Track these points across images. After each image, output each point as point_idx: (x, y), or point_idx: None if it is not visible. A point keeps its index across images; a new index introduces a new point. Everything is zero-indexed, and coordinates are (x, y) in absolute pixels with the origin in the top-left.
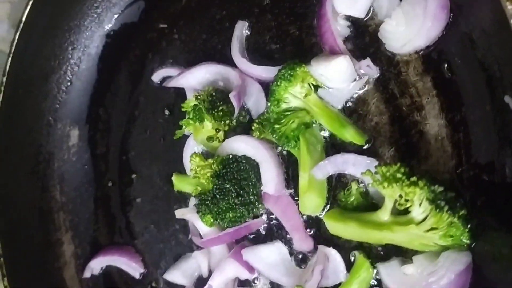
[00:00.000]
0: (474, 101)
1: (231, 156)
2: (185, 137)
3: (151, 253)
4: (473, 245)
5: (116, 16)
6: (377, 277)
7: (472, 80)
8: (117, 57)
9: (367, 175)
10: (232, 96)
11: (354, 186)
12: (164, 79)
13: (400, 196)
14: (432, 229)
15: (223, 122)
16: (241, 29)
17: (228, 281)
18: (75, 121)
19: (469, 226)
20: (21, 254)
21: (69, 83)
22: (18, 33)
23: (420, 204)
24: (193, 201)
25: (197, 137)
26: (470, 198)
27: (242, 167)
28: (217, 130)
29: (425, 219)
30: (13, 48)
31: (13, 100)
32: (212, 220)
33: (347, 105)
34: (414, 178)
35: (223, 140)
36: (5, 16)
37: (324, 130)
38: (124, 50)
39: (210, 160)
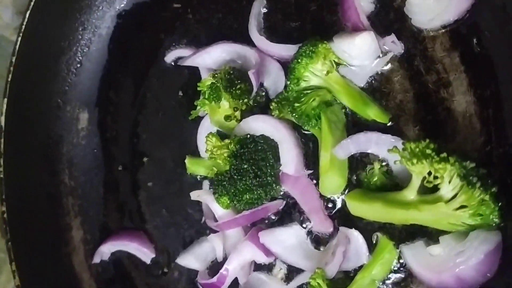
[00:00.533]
0: (506, 76)
1: (248, 136)
2: (198, 119)
3: (162, 238)
4: (502, 224)
5: None
6: (400, 260)
7: (504, 54)
8: (129, 38)
9: (394, 152)
10: (251, 74)
11: (377, 165)
12: (178, 59)
13: (429, 173)
14: (461, 207)
15: (241, 101)
16: (259, 7)
17: (245, 265)
18: (85, 104)
19: (499, 204)
20: (29, 239)
21: (79, 65)
22: (28, 13)
23: (450, 181)
24: (206, 184)
25: (213, 117)
26: (499, 177)
27: (260, 147)
28: (235, 109)
29: (454, 196)
30: (23, 28)
31: (22, 81)
32: (228, 202)
33: (370, 82)
34: (444, 154)
35: (240, 120)
36: (9, 2)
37: (346, 108)
38: (136, 30)
39: (227, 141)
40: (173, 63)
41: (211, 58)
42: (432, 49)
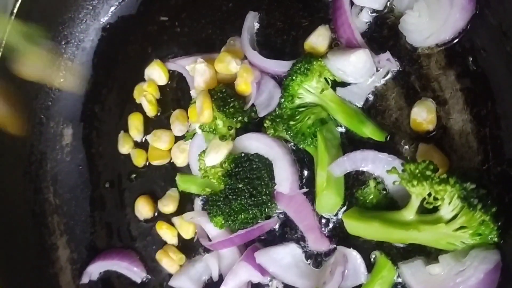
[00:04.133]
0: (502, 94)
1: (243, 154)
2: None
3: (153, 256)
4: (501, 243)
5: (112, 8)
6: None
7: (500, 73)
8: (114, 51)
9: (393, 173)
10: (252, 84)
11: (372, 183)
12: None
13: (429, 194)
14: (461, 227)
15: (235, 119)
16: (252, 21)
17: (241, 285)
18: (69, 119)
19: (499, 223)
20: (14, 259)
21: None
22: (9, 26)
23: (450, 203)
24: (199, 203)
25: (207, 138)
26: (497, 195)
27: (254, 166)
28: (229, 128)
29: (454, 217)
30: (4, 41)
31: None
32: (223, 222)
33: (366, 100)
34: (444, 175)
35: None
36: None
37: (341, 126)
38: (121, 44)
39: None
40: None
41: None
42: (428, 67)
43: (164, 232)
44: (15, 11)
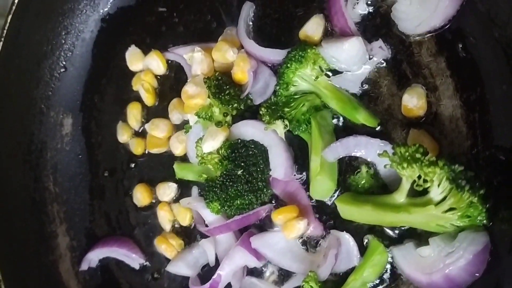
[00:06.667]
0: (490, 80)
1: (239, 140)
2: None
3: (151, 243)
4: (489, 225)
5: None
6: (390, 260)
7: (488, 59)
8: (113, 42)
9: (384, 157)
10: (249, 72)
11: (364, 169)
12: None
13: (419, 177)
14: (451, 209)
15: (230, 106)
16: (249, 11)
17: (237, 270)
18: (69, 109)
19: (487, 206)
20: (14, 246)
21: (62, 69)
22: (10, 16)
23: (439, 185)
24: (195, 190)
25: (204, 126)
26: (486, 178)
27: (250, 152)
28: (225, 114)
29: (443, 199)
30: (5, 32)
31: (4, 86)
32: (219, 207)
33: (359, 87)
34: (433, 158)
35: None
36: None
37: (335, 113)
38: (120, 35)
39: None
40: None
41: None
42: (419, 54)
43: (164, 214)
44: (16, 1)
